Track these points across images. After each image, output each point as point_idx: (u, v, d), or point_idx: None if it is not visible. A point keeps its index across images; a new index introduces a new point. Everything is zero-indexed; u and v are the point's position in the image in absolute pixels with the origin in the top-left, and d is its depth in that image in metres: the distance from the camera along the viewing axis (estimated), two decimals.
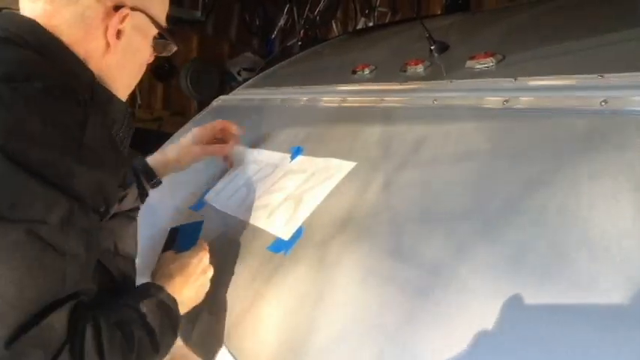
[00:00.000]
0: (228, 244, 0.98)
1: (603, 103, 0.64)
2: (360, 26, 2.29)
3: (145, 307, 0.68)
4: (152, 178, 1.05)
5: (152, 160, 1.08)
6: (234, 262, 0.93)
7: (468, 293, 0.56)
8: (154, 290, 0.73)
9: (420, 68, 1.02)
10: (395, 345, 0.59)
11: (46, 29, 0.68)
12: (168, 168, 1.08)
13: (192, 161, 1.11)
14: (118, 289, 0.74)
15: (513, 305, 0.52)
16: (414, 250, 0.66)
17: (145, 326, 0.66)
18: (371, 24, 2.26)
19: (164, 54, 0.83)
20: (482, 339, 0.52)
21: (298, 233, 0.84)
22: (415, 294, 0.61)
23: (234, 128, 1.14)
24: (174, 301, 0.74)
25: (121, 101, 0.75)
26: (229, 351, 0.79)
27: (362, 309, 0.65)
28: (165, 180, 1.10)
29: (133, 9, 0.72)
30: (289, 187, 0.96)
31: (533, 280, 0.53)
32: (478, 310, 0.54)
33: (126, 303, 0.68)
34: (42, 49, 0.66)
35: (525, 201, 0.60)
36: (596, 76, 0.68)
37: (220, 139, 1.15)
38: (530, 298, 0.52)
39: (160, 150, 1.12)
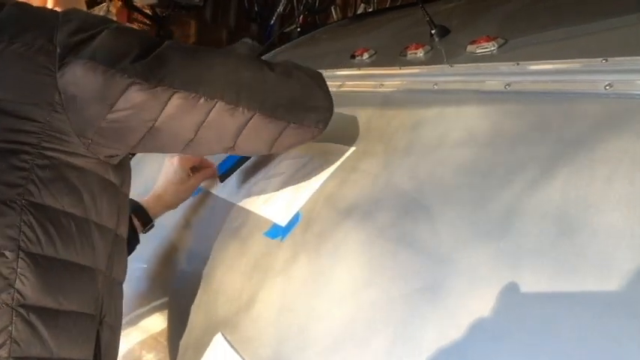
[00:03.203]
0: (224, 230, 0.97)
1: (608, 87, 0.62)
2: (359, 12, 2.26)
3: None
4: (148, 222, 1.02)
5: (147, 203, 1.03)
6: (231, 249, 0.93)
7: (475, 283, 0.55)
8: None
9: (420, 53, 1.00)
10: (402, 337, 0.57)
11: None
12: (165, 209, 1.06)
13: (189, 196, 1.08)
14: None
15: (524, 295, 0.51)
16: (417, 237, 0.64)
17: None
18: (370, 10, 2.23)
19: None
20: (491, 329, 0.51)
21: (295, 219, 0.83)
22: (421, 283, 0.59)
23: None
24: None
25: None
26: (225, 338, 0.79)
27: (364, 298, 0.64)
28: (159, 169, 1.08)
29: None
30: (286, 172, 0.95)
31: (543, 269, 0.51)
32: (486, 301, 0.53)
33: None
34: None
35: (530, 186, 0.59)
36: (600, 59, 0.67)
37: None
38: (541, 287, 0.50)
39: (154, 193, 1.05)
